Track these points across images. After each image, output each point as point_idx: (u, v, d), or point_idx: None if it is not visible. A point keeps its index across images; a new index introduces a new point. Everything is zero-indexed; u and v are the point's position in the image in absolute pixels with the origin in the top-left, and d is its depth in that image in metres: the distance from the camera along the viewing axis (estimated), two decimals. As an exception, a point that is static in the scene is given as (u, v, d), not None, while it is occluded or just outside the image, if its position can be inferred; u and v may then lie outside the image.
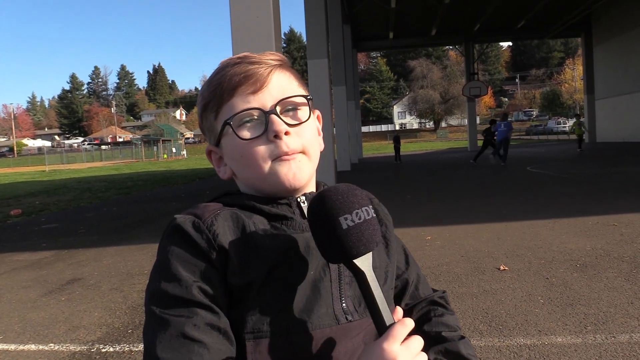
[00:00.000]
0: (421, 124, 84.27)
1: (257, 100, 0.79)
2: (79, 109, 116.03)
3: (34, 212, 10.73)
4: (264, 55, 0.82)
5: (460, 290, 3.77)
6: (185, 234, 0.73)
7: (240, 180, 0.85)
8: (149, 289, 0.73)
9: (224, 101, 0.80)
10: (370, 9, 23.33)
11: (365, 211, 0.68)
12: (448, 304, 0.98)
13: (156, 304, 0.70)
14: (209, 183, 16.09)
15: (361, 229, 0.66)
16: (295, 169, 0.78)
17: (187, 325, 0.68)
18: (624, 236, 5.11)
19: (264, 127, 0.78)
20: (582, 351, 2.63)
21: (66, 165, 42.27)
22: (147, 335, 0.70)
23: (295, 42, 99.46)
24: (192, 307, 0.69)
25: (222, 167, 0.86)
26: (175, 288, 0.70)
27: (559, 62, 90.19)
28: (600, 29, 29.55)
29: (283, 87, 0.81)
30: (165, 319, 0.69)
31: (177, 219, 0.76)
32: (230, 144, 0.81)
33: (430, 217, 7.10)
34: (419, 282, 0.98)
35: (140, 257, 5.66)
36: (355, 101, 28.58)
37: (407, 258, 0.98)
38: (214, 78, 0.82)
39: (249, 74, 0.79)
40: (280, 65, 0.82)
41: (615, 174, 11.40)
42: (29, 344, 3.30)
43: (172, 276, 0.71)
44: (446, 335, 0.89)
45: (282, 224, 0.78)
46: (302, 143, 0.80)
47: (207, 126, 0.85)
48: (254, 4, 5.06)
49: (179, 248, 0.73)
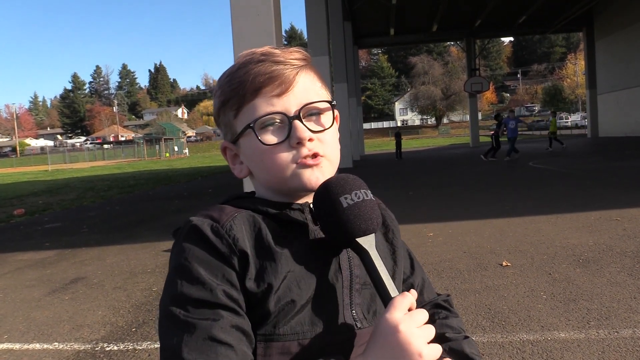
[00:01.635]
0: (423, 121, 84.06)
1: (281, 104, 0.77)
2: (81, 108, 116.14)
3: (37, 212, 10.76)
4: (288, 52, 0.80)
5: (462, 287, 3.78)
6: (205, 237, 0.72)
7: (257, 181, 0.84)
8: (168, 292, 0.71)
9: (247, 101, 0.78)
10: (370, 5, 23.27)
11: (363, 193, 0.74)
12: (452, 306, 0.97)
13: (179, 306, 0.69)
14: (211, 181, 16.11)
15: (360, 207, 0.72)
16: (318, 173, 0.78)
17: (214, 328, 0.67)
18: (626, 231, 5.10)
19: (287, 133, 0.77)
20: (585, 346, 2.63)
21: (69, 165, 42.33)
22: (168, 339, 0.68)
23: (296, 40, 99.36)
24: (217, 309, 0.68)
25: (238, 165, 0.85)
26: (199, 291, 0.69)
27: (560, 57, 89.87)
28: (602, 24, 29.44)
29: (307, 90, 0.80)
30: (190, 322, 0.67)
31: (193, 220, 0.74)
32: (250, 146, 0.79)
33: (432, 214, 7.10)
34: (423, 286, 0.97)
35: (143, 256, 5.67)
36: (357, 98, 28.54)
37: (413, 262, 0.97)
38: (236, 74, 0.79)
39: (274, 75, 0.77)
40: (305, 65, 0.81)
41: (617, 169, 11.37)
42: (33, 343, 3.31)
43: (194, 279, 0.69)
44: (450, 336, 0.89)
45: (295, 230, 0.78)
46: (324, 149, 0.79)
47: (224, 122, 0.83)
48: (255, 2, 5.06)
49: (199, 249, 0.71)
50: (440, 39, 42.00)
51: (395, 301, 0.67)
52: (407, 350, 0.64)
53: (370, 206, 0.73)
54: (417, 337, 0.65)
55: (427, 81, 71.03)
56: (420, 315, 0.67)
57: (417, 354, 0.64)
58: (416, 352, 0.64)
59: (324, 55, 11.65)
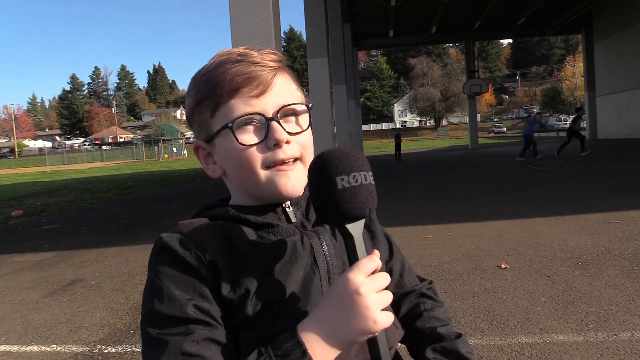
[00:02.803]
0: (422, 122, 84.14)
1: (259, 105, 0.78)
2: (80, 109, 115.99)
3: (35, 213, 10.74)
4: (264, 54, 0.80)
5: (461, 289, 3.77)
6: (173, 252, 0.73)
7: (231, 182, 0.84)
8: (143, 310, 0.73)
9: (223, 101, 0.78)
10: (370, 6, 23.28)
11: (363, 175, 0.68)
12: (437, 294, 0.98)
13: (152, 325, 0.70)
14: (210, 182, 16.09)
15: (356, 192, 0.67)
16: (294, 179, 0.78)
17: (186, 342, 0.67)
18: (625, 233, 5.11)
19: (264, 134, 0.77)
20: (584, 349, 2.63)
21: (67, 166, 42.27)
22: (146, 356, 0.70)
23: (295, 41, 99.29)
24: (188, 324, 0.69)
25: (211, 164, 0.85)
26: (169, 308, 0.70)
27: (559, 59, 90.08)
28: (601, 26, 29.47)
29: (284, 91, 0.80)
30: (163, 339, 0.68)
31: (163, 237, 0.76)
32: (226, 146, 0.79)
33: (431, 215, 7.10)
34: (403, 270, 0.98)
35: (142, 258, 5.66)
36: (356, 100, 28.52)
37: (391, 247, 0.98)
38: (213, 74, 0.79)
39: (252, 76, 0.77)
40: (281, 67, 0.81)
41: (616, 171, 11.38)
42: (31, 345, 3.30)
43: (165, 296, 0.71)
44: (442, 331, 0.89)
45: (268, 232, 0.79)
46: (300, 151, 0.80)
47: (199, 121, 0.82)
48: (254, 3, 5.06)
49: (168, 267, 0.73)
50: (440, 41, 42.04)
51: (360, 263, 0.66)
52: (363, 314, 0.64)
53: (368, 191, 0.69)
54: (375, 303, 0.65)
55: (426, 83, 71.13)
56: (382, 280, 0.66)
57: (372, 319, 0.64)
58: (371, 318, 0.64)
59: (323, 56, 11.64)
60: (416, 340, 0.89)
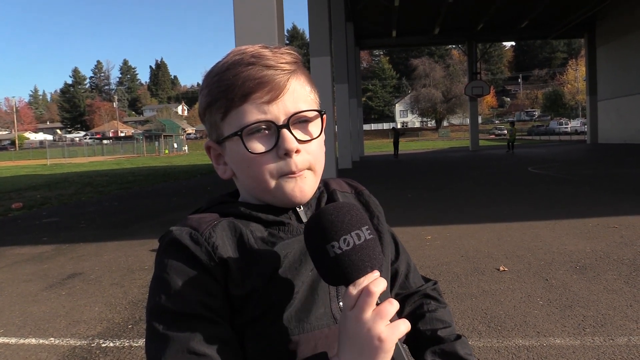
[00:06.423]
0: (423, 123, 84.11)
1: (270, 112, 0.76)
2: (81, 103, 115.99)
3: (35, 206, 10.75)
4: (279, 56, 0.78)
5: (459, 291, 3.78)
6: (184, 247, 0.72)
7: (241, 184, 0.84)
8: (149, 304, 0.72)
9: (235, 105, 0.76)
10: (373, 6, 23.27)
11: (355, 235, 0.65)
12: (441, 295, 0.98)
13: (158, 320, 0.70)
14: (211, 178, 16.09)
15: (350, 256, 0.64)
16: (301, 185, 0.78)
17: (192, 340, 0.67)
18: (624, 238, 5.11)
19: (275, 142, 0.76)
20: (581, 353, 2.63)
21: (67, 159, 42.27)
22: (150, 351, 0.69)
23: (298, 40, 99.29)
24: (195, 321, 0.69)
25: (222, 165, 0.84)
26: (176, 304, 0.69)
27: (561, 62, 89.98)
28: (604, 30, 29.47)
29: (297, 97, 0.79)
30: (169, 335, 0.68)
31: (173, 231, 0.75)
32: (237, 152, 0.78)
33: (430, 217, 7.10)
34: (409, 271, 0.97)
35: (141, 252, 5.67)
36: (357, 99, 28.54)
37: (397, 247, 0.97)
38: (225, 76, 0.77)
39: (264, 80, 0.75)
40: (295, 69, 0.79)
41: (616, 176, 11.39)
42: (29, 337, 3.31)
43: (172, 291, 0.70)
44: (442, 334, 0.89)
45: (278, 230, 0.79)
46: (310, 160, 0.79)
47: (210, 121, 0.81)
48: (257, 1, 5.06)
49: (177, 262, 0.72)
50: (442, 42, 42.09)
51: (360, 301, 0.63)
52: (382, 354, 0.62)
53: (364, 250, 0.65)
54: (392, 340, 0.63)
55: (428, 84, 71.04)
56: (389, 309, 0.63)
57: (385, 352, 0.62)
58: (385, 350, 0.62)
59: (326, 55, 11.66)
60: (417, 342, 0.90)
